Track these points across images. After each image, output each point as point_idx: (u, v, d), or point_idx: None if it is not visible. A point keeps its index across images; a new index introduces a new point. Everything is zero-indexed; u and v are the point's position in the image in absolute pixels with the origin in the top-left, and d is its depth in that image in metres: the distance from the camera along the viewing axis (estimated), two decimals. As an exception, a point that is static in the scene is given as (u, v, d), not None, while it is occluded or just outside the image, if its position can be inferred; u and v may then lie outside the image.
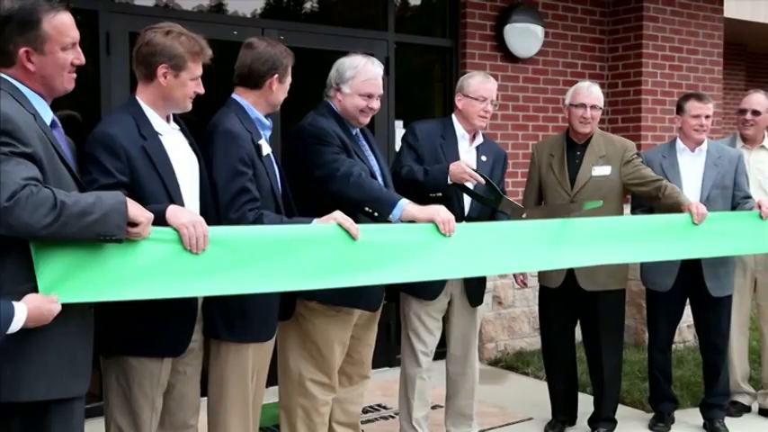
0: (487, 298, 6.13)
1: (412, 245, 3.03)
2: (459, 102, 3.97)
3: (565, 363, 4.57)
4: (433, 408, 4.46)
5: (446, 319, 4.05)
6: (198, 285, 2.53)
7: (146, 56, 2.72)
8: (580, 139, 4.38)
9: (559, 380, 4.60)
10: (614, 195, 4.35)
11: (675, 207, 4.13)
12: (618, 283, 4.40)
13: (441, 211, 3.14)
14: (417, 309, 3.95)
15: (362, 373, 3.74)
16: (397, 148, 4.48)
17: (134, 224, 2.34)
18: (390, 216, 3.14)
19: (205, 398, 3.07)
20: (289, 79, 3.18)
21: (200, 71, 2.78)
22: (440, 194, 3.73)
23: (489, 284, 6.01)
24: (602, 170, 4.32)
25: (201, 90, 2.81)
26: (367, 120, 3.52)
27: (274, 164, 3.21)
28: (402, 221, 3.15)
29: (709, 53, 7.03)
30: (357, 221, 2.99)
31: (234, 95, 3.17)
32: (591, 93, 4.33)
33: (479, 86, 3.94)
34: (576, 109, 4.32)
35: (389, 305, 4.00)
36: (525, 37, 6.22)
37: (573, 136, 4.41)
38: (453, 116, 4.03)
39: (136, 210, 2.34)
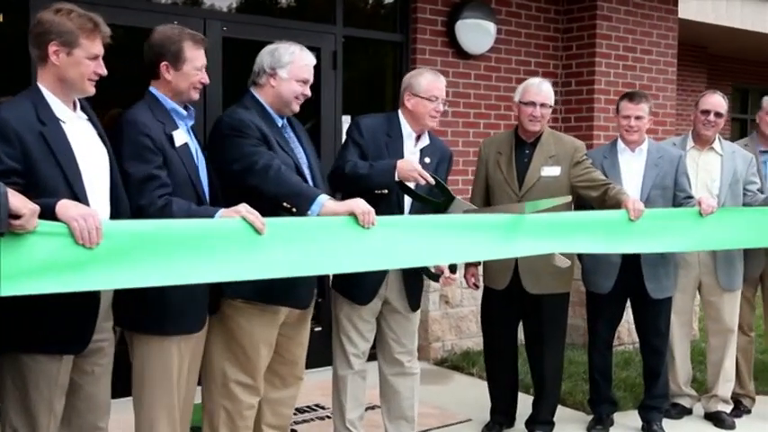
0: (434, 297, 6.09)
1: (326, 237, 2.96)
2: (409, 101, 3.81)
3: (506, 364, 4.51)
4: (372, 408, 4.39)
5: (382, 322, 3.94)
6: (95, 279, 2.42)
7: (36, 36, 2.62)
8: (529, 137, 4.31)
9: (500, 381, 4.54)
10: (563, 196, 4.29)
11: (618, 207, 4.09)
12: (563, 286, 4.34)
13: (360, 203, 3.06)
14: (349, 311, 3.83)
15: (296, 374, 3.62)
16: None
17: (17, 216, 2.22)
18: (309, 212, 3.05)
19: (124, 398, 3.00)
20: (190, 64, 3.05)
21: (97, 50, 2.66)
22: (385, 191, 3.64)
23: (436, 284, 5.96)
24: (552, 170, 4.25)
25: (103, 71, 2.69)
26: (298, 107, 3.43)
27: (196, 155, 3.11)
28: (320, 216, 3.05)
29: (663, 53, 7.00)
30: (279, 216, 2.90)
31: (150, 87, 3.11)
32: (541, 90, 4.25)
33: (431, 86, 3.80)
34: (526, 107, 4.24)
35: (328, 302, 3.92)
36: (477, 33, 6.15)
37: (522, 134, 4.33)
38: (400, 113, 3.89)
39: (18, 201, 2.22)
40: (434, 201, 3.68)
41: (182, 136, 3.03)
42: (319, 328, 5.45)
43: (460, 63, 6.20)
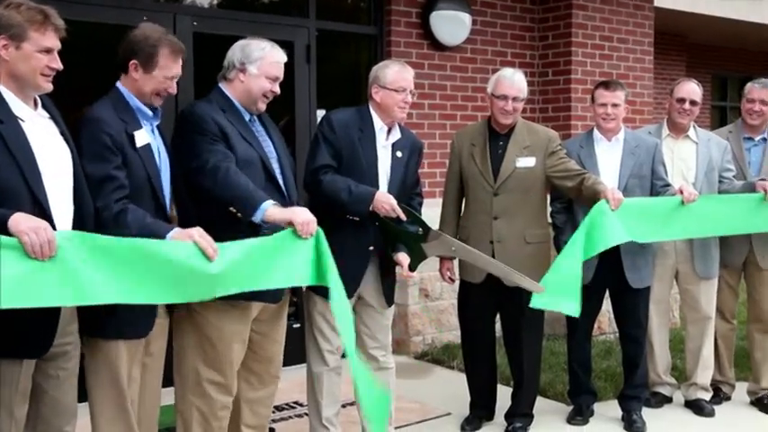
0: (414, 290, 6.05)
1: (272, 253, 2.95)
2: (377, 94, 3.78)
3: (484, 357, 4.48)
4: (351, 404, 4.36)
5: (356, 318, 3.89)
6: (46, 295, 2.36)
7: None
8: (503, 128, 4.27)
9: (479, 374, 4.51)
10: (538, 187, 4.28)
11: (594, 197, 4.08)
12: (540, 278, 4.31)
13: (301, 214, 3.04)
14: (322, 308, 3.78)
15: (272, 373, 3.59)
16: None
17: None
18: (253, 217, 3.03)
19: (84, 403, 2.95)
20: (161, 72, 3.00)
21: (50, 43, 2.58)
22: (357, 219, 3.65)
23: (416, 277, 5.92)
24: (527, 161, 4.22)
25: (58, 65, 2.62)
26: (264, 106, 3.39)
27: (158, 156, 3.06)
28: (265, 222, 3.05)
29: (639, 42, 6.99)
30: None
31: (117, 83, 3.06)
32: (513, 83, 4.20)
33: (397, 77, 3.77)
34: (498, 100, 4.21)
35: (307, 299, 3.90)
36: (452, 25, 6.11)
37: (495, 125, 4.30)
38: (370, 106, 3.85)
39: None
40: (410, 232, 3.70)
41: (144, 136, 2.97)
42: (298, 325, 5.40)
43: (436, 55, 6.16)
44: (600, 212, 3.97)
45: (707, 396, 4.82)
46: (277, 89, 3.37)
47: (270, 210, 3.02)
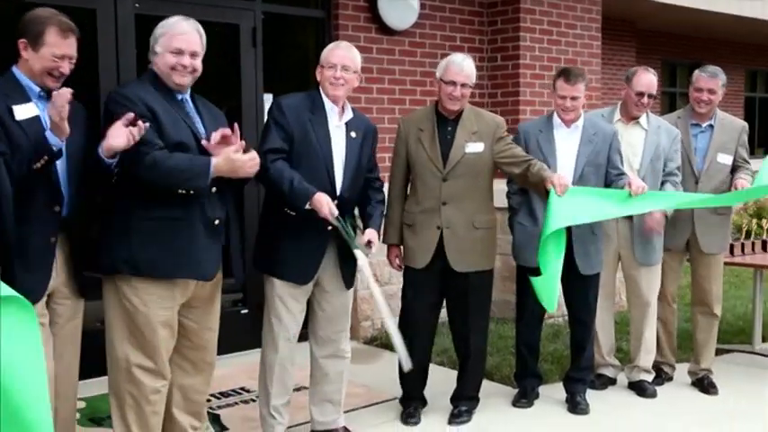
0: (362, 276, 6.02)
1: None
2: (318, 73, 3.82)
3: (421, 343, 4.40)
4: (297, 390, 4.33)
5: (314, 303, 3.89)
6: None
7: None
8: (450, 113, 4.26)
9: (419, 357, 4.47)
10: (486, 173, 4.27)
11: (541, 183, 4.11)
12: (488, 263, 4.33)
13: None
14: (281, 291, 3.76)
15: (207, 360, 3.56)
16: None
17: None
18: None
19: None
20: (49, 49, 3.01)
21: None
22: (293, 213, 3.65)
23: (363, 263, 5.90)
24: (476, 147, 4.21)
25: None
26: (184, 80, 3.28)
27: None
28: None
29: (587, 28, 7.03)
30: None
31: (13, 66, 3.10)
32: (462, 69, 4.18)
33: (329, 53, 3.81)
34: (446, 86, 4.18)
35: (260, 285, 3.87)
36: (400, 8, 6.09)
37: (443, 110, 4.28)
38: (320, 89, 3.82)
39: None
40: (346, 232, 3.69)
41: (29, 110, 2.98)
42: (245, 311, 5.37)
43: (384, 39, 6.12)
44: (551, 201, 4.05)
45: (649, 378, 4.90)
46: (186, 62, 3.26)
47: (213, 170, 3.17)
